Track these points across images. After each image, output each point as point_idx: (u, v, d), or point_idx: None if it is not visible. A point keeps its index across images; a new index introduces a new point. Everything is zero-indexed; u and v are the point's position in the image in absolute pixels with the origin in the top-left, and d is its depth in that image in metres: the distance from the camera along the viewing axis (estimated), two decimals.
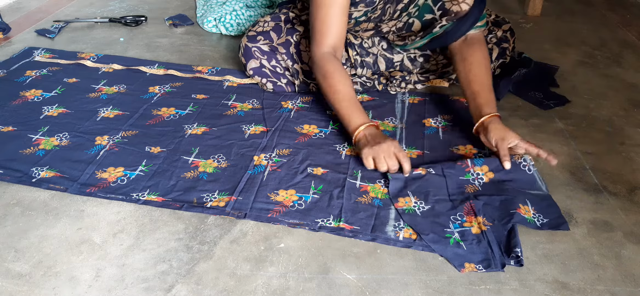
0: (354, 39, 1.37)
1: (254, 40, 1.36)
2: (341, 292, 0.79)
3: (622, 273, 0.84)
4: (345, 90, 1.13)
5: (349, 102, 1.12)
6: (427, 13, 1.26)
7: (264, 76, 1.36)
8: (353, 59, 1.36)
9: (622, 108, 1.34)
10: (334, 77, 1.14)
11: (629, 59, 1.63)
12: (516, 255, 0.84)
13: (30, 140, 1.13)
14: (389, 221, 0.93)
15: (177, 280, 0.81)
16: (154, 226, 0.91)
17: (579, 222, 0.94)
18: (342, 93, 1.12)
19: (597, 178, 1.06)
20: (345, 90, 1.13)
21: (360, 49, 1.37)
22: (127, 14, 1.92)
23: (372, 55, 1.38)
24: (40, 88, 1.35)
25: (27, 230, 0.90)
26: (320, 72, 1.17)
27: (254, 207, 0.96)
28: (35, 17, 1.88)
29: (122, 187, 1.00)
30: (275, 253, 0.86)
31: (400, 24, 1.28)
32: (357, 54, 1.37)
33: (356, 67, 1.37)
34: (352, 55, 1.36)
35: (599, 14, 2.05)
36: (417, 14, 1.27)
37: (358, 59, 1.37)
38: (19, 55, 1.55)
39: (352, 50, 1.36)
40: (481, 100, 1.11)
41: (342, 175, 1.04)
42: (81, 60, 1.51)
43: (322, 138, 1.17)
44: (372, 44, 1.38)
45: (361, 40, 1.37)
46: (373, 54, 1.38)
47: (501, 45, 1.39)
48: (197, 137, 1.16)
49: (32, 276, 0.81)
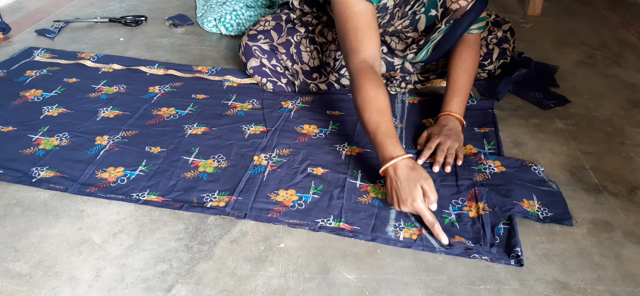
0: None
1: (255, 39, 1.36)
2: (341, 292, 0.79)
3: (622, 273, 0.84)
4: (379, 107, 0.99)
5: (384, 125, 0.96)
6: (433, 8, 1.26)
7: (264, 75, 1.36)
8: None
9: (622, 108, 1.34)
10: (368, 90, 1.00)
11: (629, 59, 1.63)
12: (516, 255, 0.85)
13: (30, 140, 1.13)
14: (389, 221, 0.93)
15: (177, 280, 0.81)
16: (154, 227, 0.91)
17: (579, 221, 0.94)
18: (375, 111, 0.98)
19: (597, 178, 1.06)
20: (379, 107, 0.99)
21: None
22: (127, 14, 1.92)
23: None
24: (40, 89, 1.35)
25: (27, 230, 0.90)
26: (355, 84, 1.03)
27: (254, 207, 0.96)
28: (35, 17, 1.88)
29: (122, 187, 1.00)
30: (275, 253, 0.86)
31: (406, 22, 1.28)
32: None
33: None
34: None
35: (599, 14, 2.05)
36: (424, 11, 1.26)
37: None
38: (19, 55, 1.55)
39: None
40: (448, 98, 1.19)
41: (342, 175, 1.04)
42: (81, 60, 1.51)
43: (322, 138, 1.17)
44: None
45: None
46: None
47: (502, 45, 1.39)
48: (197, 137, 1.16)
49: (32, 276, 0.81)
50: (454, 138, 1.10)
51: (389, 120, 0.98)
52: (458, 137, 1.11)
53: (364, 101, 0.99)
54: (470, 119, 1.23)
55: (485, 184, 1.01)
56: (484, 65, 1.40)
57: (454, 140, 1.09)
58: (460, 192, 1.00)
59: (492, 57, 1.38)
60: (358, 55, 1.05)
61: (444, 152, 1.07)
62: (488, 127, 1.21)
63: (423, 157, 1.08)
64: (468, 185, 1.01)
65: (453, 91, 1.19)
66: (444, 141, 1.09)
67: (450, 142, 1.09)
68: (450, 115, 1.15)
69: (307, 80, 1.35)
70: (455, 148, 1.08)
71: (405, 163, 0.91)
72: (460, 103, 1.17)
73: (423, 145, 1.12)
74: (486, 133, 1.19)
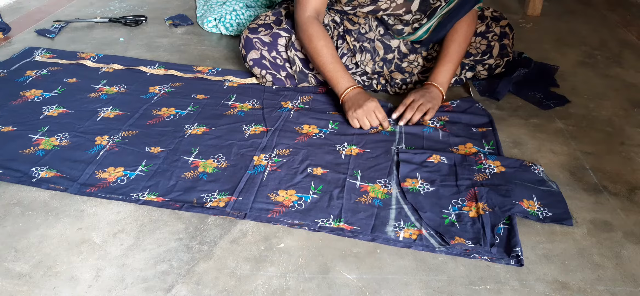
0: (351, 25, 1.37)
1: (255, 32, 1.37)
2: (341, 292, 0.79)
3: (622, 273, 0.84)
4: (329, 53, 1.25)
5: (333, 65, 1.25)
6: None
7: (263, 67, 1.37)
8: (351, 45, 1.36)
9: (622, 108, 1.34)
10: (318, 40, 1.25)
11: (629, 59, 1.63)
12: (516, 255, 0.85)
13: (30, 140, 1.13)
14: (389, 221, 0.93)
15: (177, 280, 0.81)
16: (154, 226, 0.91)
17: (579, 221, 0.94)
18: (327, 56, 1.24)
19: (597, 178, 1.06)
20: (329, 53, 1.25)
21: (357, 35, 1.37)
22: (127, 14, 1.92)
23: (370, 41, 1.38)
24: (41, 88, 1.35)
25: (27, 230, 0.90)
26: (305, 34, 1.26)
27: (253, 207, 0.96)
28: (35, 17, 1.88)
29: (122, 187, 1.00)
30: (275, 253, 0.86)
31: (400, 1, 1.29)
32: (355, 40, 1.37)
33: (355, 53, 1.37)
34: (350, 42, 1.36)
35: (599, 14, 2.05)
36: None
37: (356, 44, 1.37)
38: (19, 55, 1.55)
39: (349, 36, 1.37)
40: (435, 69, 1.30)
41: (342, 175, 1.04)
42: (81, 60, 1.51)
43: (321, 138, 1.17)
44: (369, 28, 1.38)
45: (358, 27, 1.38)
46: (370, 39, 1.38)
47: (502, 41, 1.39)
48: (197, 137, 1.16)
49: (32, 276, 0.81)
50: (428, 98, 1.23)
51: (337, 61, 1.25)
52: (434, 101, 1.24)
53: (315, 49, 1.25)
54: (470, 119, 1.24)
55: (485, 184, 1.01)
56: (484, 60, 1.39)
57: (427, 100, 1.23)
58: (460, 192, 1.00)
59: (492, 53, 1.38)
60: (305, 10, 1.28)
61: (414, 109, 1.22)
62: (485, 127, 1.21)
63: (397, 112, 1.23)
64: (468, 185, 1.01)
65: (441, 61, 1.29)
66: (418, 99, 1.23)
67: (423, 100, 1.23)
68: (432, 85, 1.27)
69: (306, 70, 1.36)
70: (427, 108, 1.22)
71: (356, 90, 1.22)
72: (446, 73, 1.28)
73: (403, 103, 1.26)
74: (484, 132, 1.19)
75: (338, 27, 1.37)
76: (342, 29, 1.37)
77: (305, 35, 1.26)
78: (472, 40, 1.37)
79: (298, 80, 1.38)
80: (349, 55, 1.37)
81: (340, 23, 1.37)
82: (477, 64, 1.40)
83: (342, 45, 1.37)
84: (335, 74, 1.24)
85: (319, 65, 1.26)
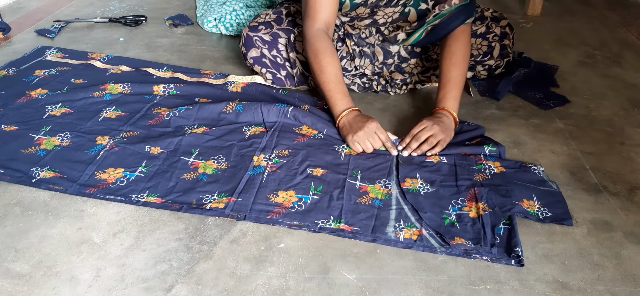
0: (352, 30, 1.37)
1: (256, 30, 1.37)
2: (341, 292, 0.79)
3: (622, 273, 0.84)
4: (333, 71, 1.19)
5: (334, 84, 1.19)
6: (422, 1, 1.27)
7: (263, 66, 1.37)
8: (351, 50, 1.36)
9: (622, 108, 1.34)
10: (325, 56, 1.20)
11: (629, 59, 1.63)
12: (516, 255, 0.85)
13: (31, 140, 1.13)
14: (389, 222, 0.93)
15: (177, 280, 0.81)
16: (154, 226, 0.91)
17: (579, 221, 0.94)
18: (330, 74, 1.19)
19: (597, 178, 1.06)
20: (333, 71, 1.19)
21: (358, 39, 1.37)
22: (127, 14, 1.92)
23: (370, 46, 1.38)
24: (46, 88, 1.34)
25: (27, 230, 0.90)
26: (312, 49, 1.22)
27: (253, 208, 0.95)
28: (35, 17, 1.88)
29: (121, 188, 1.00)
30: (275, 253, 0.86)
31: (396, 15, 1.29)
32: (355, 45, 1.37)
33: (355, 57, 1.37)
34: (350, 45, 1.36)
35: (599, 14, 2.05)
36: (413, 3, 1.28)
37: (356, 49, 1.37)
38: (31, 54, 1.55)
39: (350, 40, 1.37)
40: (441, 94, 1.21)
41: (342, 176, 1.04)
42: (91, 61, 1.51)
43: (321, 139, 1.17)
44: (369, 34, 1.38)
45: (359, 31, 1.38)
46: (370, 44, 1.38)
47: (503, 41, 1.39)
48: (197, 137, 1.16)
49: (32, 276, 0.81)
50: (441, 129, 1.13)
51: (340, 82, 1.19)
52: (446, 133, 1.14)
53: (320, 65, 1.20)
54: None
55: (485, 184, 1.01)
56: (484, 61, 1.40)
57: (439, 132, 1.12)
58: (460, 192, 1.00)
59: (493, 53, 1.38)
60: (315, 22, 1.23)
61: (420, 140, 1.12)
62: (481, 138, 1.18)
63: (404, 143, 1.13)
64: (468, 185, 1.01)
65: (446, 87, 1.21)
66: (428, 129, 1.13)
67: (433, 132, 1.12)
68: (445, 111, 1.18)
69: (306, 72, 1.36)
70: (437, 140, 1.11)
71: (353, 113, 1.16)
72: (454, 99, 1.20)
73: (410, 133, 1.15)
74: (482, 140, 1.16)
75: (338, 30, 1.36)
76: (342, 32, 1.37)
77: (311, 49, 1.21)
78: (472, 42, 1.36)
79: (298, 82, 1.37)
80: (348, 59, 1.37)
81: (341, 26, 1.37)
82: (477, 64, 1.40)
83: (342, 48, 1.37)
84: (335, 93, 1.18)
85: (320, 82, 1.20)
